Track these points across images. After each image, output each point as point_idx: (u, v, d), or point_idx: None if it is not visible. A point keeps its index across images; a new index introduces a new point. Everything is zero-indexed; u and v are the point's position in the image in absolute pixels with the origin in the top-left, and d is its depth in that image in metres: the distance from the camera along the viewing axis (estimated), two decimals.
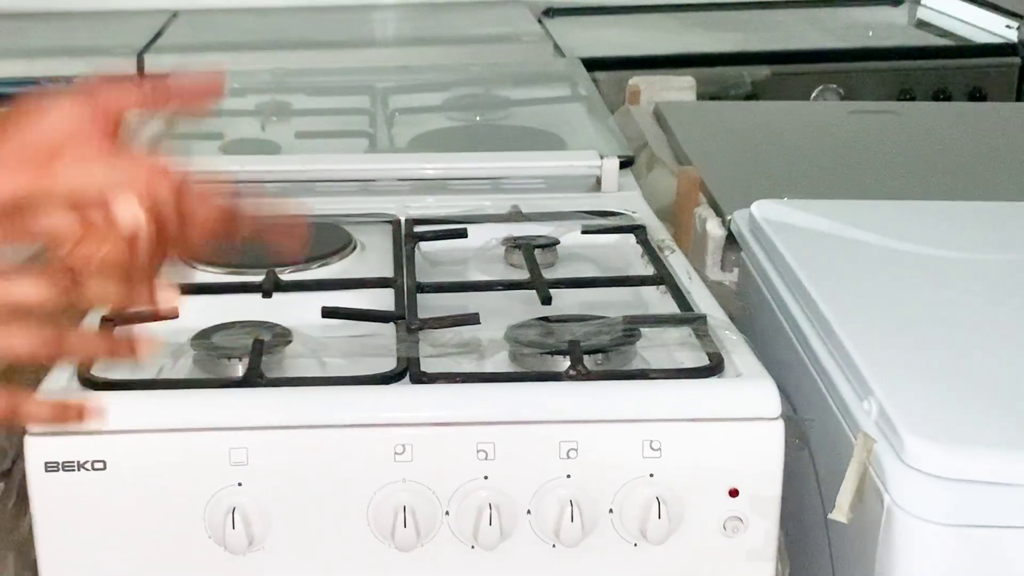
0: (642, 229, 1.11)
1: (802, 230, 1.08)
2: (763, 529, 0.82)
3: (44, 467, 0.79)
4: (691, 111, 1.66)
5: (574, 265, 1.08)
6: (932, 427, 0.77)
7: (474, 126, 1.56)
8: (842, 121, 1.64)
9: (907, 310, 0.94)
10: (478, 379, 0.84)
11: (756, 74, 1.96)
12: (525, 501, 0.81)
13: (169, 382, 0.85)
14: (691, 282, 0.99)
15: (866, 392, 0.83)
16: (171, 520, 0.81)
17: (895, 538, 0.77)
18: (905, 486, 0.76)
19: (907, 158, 1.47)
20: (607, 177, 1.26)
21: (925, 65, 2.03)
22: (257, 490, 0.80)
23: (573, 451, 0.80)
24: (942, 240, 1.06)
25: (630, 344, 0.87)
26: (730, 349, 0.86)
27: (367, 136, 1.47)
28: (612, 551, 0.81)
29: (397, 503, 0.80)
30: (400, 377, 0.83)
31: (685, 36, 2.24)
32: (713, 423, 0.81)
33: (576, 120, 1.52)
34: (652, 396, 0.82)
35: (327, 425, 0.81)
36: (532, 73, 1.85)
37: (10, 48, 2.16)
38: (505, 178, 1.30)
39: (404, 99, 1.63)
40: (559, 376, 0.83)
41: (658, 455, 0.80)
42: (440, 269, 1.07)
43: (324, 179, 1.30)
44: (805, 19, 2.37)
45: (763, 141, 1.54)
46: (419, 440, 0.80)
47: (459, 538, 0.81)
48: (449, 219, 1.14)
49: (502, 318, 0.92)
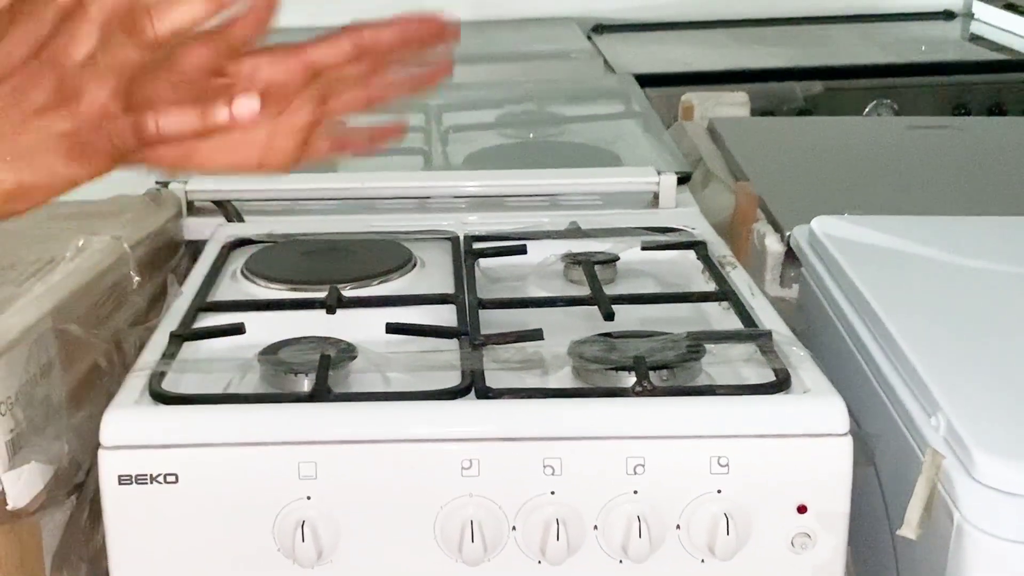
0: (702, 245, 1.11)
1: (863, 246, 1.08)
2: (831, 545, 0.81)
3: (117, 480, 0.80)
4: (746, 127, 1.66)
5: (634, 281, 1.09)
6: (1001, 443, 0.77)
7: (528, 143, 1.57)
8: (899, 136, 1.64)
9: (971, 325, 0.94)
10: (544, 395, 0.85)
11: (809, 89, 1.96)
12: (592, 516, 0.81)
13: (239, 396, 0.86)
14: (754, 298, 0.99)
15: (933, 408, 0.82)
16: (241, 533, 0.81)
17: (965, 554, 0.76)
18: (975, 502, 0.76)
19: (965, 173, 1.46)
20: (665, 193, 1.26)
21: (980, 79, 2.02)
22: (326, 504, 0.81)
23: (640, 467, 0.80)
24: (1004, 255, 1.06)
25: (695, 360, 0.87)
26: (796, 365, 0.86)
27: (422, 153, 1.48)
28: (680, 567, 0.81)
29: (464, 518, 0.80)
30: (466, 392, 0.84)
31: (736, 52, 2.24)
32: (781, 439, 0.80)
33: (631, 136, 1.53)
34: (719, 412, 0.81)
35: (395, 440, 0.81)
36: (585, 89, 1.86)
37: None
38: (562, 195, 1.30)
39: (457, 116, 1.64)
40: (625, 392, 0.83)
41: (726, 471, 0.80)
42: (500, 285, 1.08)
43: (382, 196, 1.31)
44: (857, 34, 2.36)
45: (819, 157, 1.53)
46: (486, 455, 0.81)
47: (526, 553, 0.81)
48: (508, 235, 1.15)
49: (563, 334, 0.92)
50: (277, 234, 1.19)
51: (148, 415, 0.83)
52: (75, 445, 0.88)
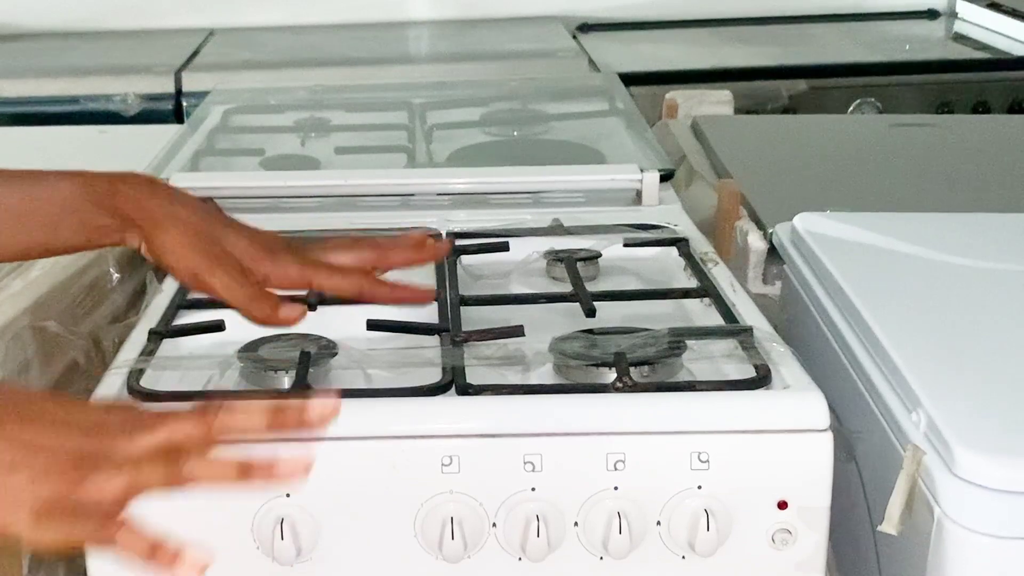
0: (685, 242, 1.11)
1: (846, 242, 1.08)
2: (812, 541, 0.81)
3: None
4: (729, 125, 1.66)
5: (616, 278, 1.08)
6: (983, 438, 0.77)
7: (512, 141, 1.57)
8: (882, 134, 1.64)
9: (952, 322, 0.94)
10: (525, 391, 0.84)
11: (793, 88, 1.96)
12: (572, 513, 0.81)
13: (218, 393, 0.85)
14: (736, 294, 0.99)
15: (914, 404, 0.82)
16: (220, 531, 0.81)
17: (946, 550, 0.76)
18: (956, 498, 0.75)
19: (948, 171, 1.46)
20: (648, 191, 1.26)
21: (963, 78, 2.02)
22: (305, 501, 0.80)
23: (620, 463, 0.80)
24: (986, 252, 1.06)
25: (676, 356, 0.87)
26: (777, 361, 0.86)
27: (405, 151, 1.48)
28: (660, 563, 0.81)
29: (444, 514, 0.80)
30: (446, 389, 0.84)
31: (720, 51, 2.24)
32: (762, 435, 0.80)
33: (614, 134, 1.52)
34: (700, 408, 0.81)
35: (375, 436, 0.81)
36: (569, 88, 1.85)
37: (52, 67, 2.19)
38: (545, 192, 1.30)
39: (441, 114, 1.64)
40: (606, 388, 0.83)
41: (706, 467, 0.80)
42: (482, 282, 1.08)
43: (364, 194, 1.31)
44: (842, 33, 2.37)
45: (802, 154, 1.53)
46: (466, 452, 0.80)
47: (506, 550, 0.81)
48: (490, 232, 1.14)
49: (545, 331, 0.92)
50: None
51: None
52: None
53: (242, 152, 1.48)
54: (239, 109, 1.67)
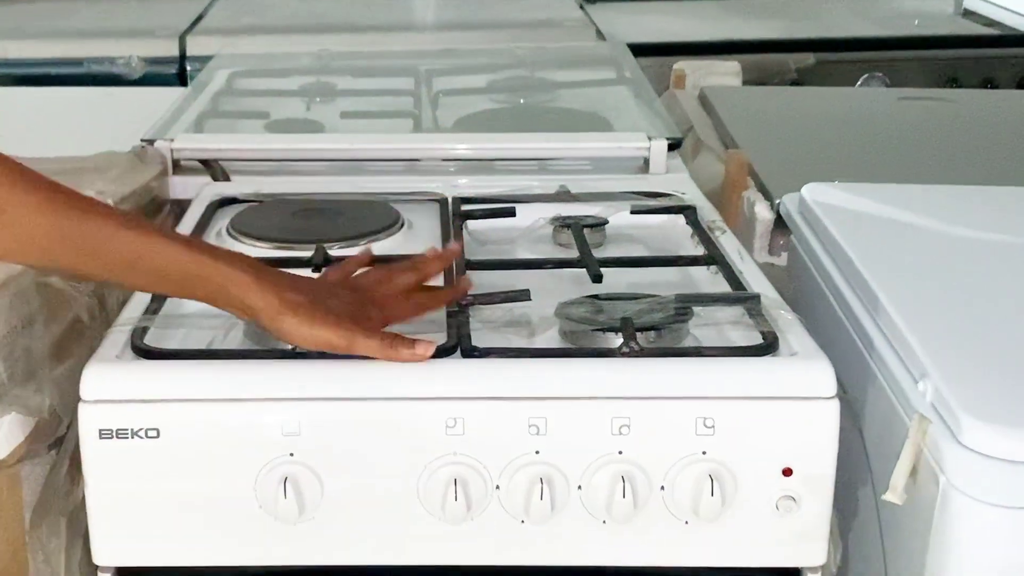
0: (692, 210, 1.10)
1: (853, 213, 1.07)
2: (816, 509, 0.81)
3: (98, 434, 0.80)
4: (737, 96, 1.65)
5: (622, 245, 1.08)
6: (989, 408, 0.77)
7: (519, 108, 1.56)
8: (890, 107, 1.63)
9: (958, 292, 0.94)
10: (530, 354, 0.84)
11: (801, 61, 1.95)
12: (576, 476, 0.80)
13: (223, 352, 0.85)
14: (743, 262, 0.98)
15: (921, 373, 0.82)
16: (223, 489, 0.81)
17: (951, 519, 0.76)
18: (961, 467, 0.75)
19: (955, 143, 1.46)
20: (655, 159, 1.25)
21: (971, 54, 2.02)
22: (309, 461, 0.80)
23: (625, 427, 0.80)
24: (992, 224, 1.06)
25: (683, 322, 0.87)
26: (784, 328, 0.85)
27: (412, 117, 1.47)
28: (663, 528, 0.81)
29: (448, 476, 0.80)
30: (452, 352, 0.83)
31: (728, 23, 2.23)
32: (767, 401, 0.80)
33: (622, 103, 1.52)
34: (706, 374, 0.81)
35: (379, 398, 0.81)
36: (577, 56, 1.85)
37: (56, 30, 2.18)
38: (552, 159, 1.29)
39: (448, 81, 1.63)
40: (612, 352, 0.83)
41: (711, 433, 0.80)
42: (488, 248, 1.07)
43: (370, 158, 1.30)
44: (850, 7, 2.35)
45: (810, 126, 1.53)
46: (471, 414, 0.80)
47: (509, 512, 0.81)
48: (497, 198, 1.14)
49: (551, 296, 0.92)
50: (264, 193, 1.18)
51: (130, 370, 0.82)
52: (56, 398, 0.87)
53: (247, 115, 1.47)
54: (244, 73, 1.66)
